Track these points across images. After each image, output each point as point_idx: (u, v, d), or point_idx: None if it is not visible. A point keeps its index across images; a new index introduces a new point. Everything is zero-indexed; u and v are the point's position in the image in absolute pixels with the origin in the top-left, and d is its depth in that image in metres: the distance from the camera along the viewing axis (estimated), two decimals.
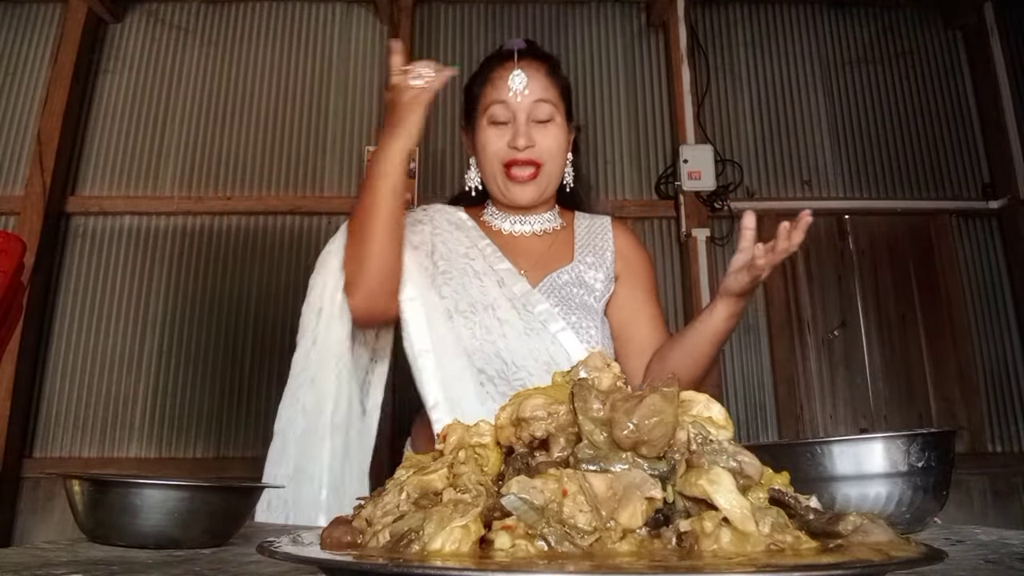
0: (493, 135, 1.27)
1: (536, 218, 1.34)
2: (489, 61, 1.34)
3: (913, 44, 3.39)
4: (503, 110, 1.26)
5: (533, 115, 1.25)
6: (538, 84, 1.26)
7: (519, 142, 1.24)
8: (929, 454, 0.74)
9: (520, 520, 0.43)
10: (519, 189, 1.26)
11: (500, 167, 1.26)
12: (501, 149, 1.25)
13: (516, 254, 1.30)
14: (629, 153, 3.25)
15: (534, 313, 1.21)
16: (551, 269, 1.29)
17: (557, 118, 1.28)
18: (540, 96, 1.26)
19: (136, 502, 0.71)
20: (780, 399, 2.99)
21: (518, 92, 1.24)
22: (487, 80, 1.30)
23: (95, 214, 3.09)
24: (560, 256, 1.32)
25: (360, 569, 0.41)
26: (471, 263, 1.26)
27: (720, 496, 0.43)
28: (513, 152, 1.25)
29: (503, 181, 1.27)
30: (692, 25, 3.26)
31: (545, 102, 1.26)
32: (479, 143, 1.29)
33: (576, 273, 1.29)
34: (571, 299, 1.25)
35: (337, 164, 3.19)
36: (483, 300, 1.21)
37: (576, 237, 1.35)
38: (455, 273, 1.24)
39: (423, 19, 3.38)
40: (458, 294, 1.22)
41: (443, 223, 1.33)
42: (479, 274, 1.24)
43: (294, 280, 3.04)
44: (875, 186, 3.22)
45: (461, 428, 0.56)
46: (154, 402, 2.92)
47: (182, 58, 3.30)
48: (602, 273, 1.30)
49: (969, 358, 3.03)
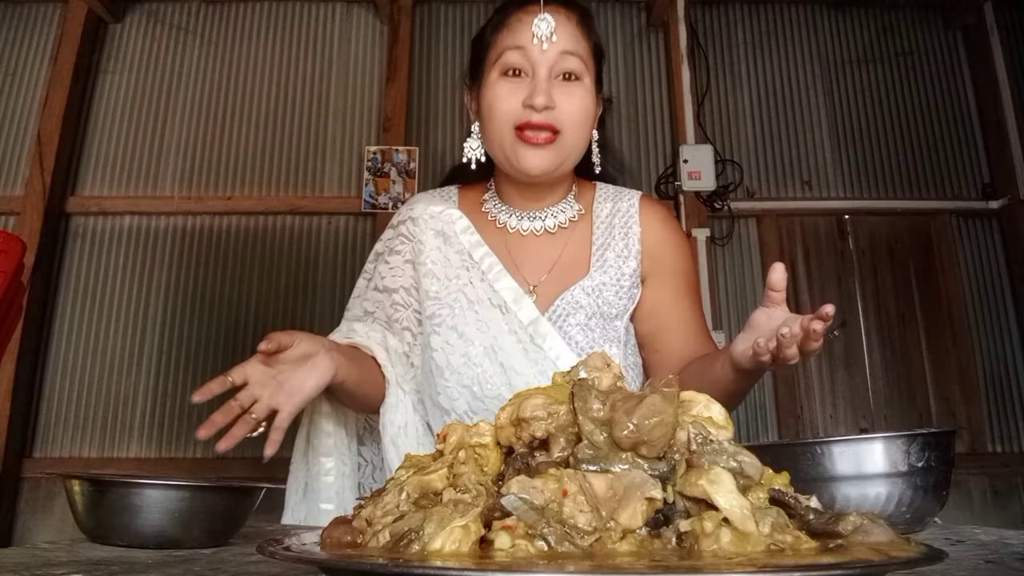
0: (505, 90, 1.03)
1: (549, 211, 1.13)
2: (506, 5, 1.09)
3: (913, 44, 3.39)
4: (521, 58, 1.02)
5: (557, 69, 1.03)
6: (567, 33, 1.03)
7: (537, 100, 1.00)
8: (929, 454, 0.74)
9: (520, 520, 0.43)
10: (531, 154, 1.02)
11: (510, 130, 1.02)
12: (514, 108, 1.01)
13: (523, 261, 1.11)
14: (629, 153, 3.24)
15: (544, 350, 1.03)
16: (564, 285, 1.08)
17: (586, 79, 1.05)
18: (568, 47, 1.03)
19: (136, 502, 0.71)
20: (780, 399, 2.99)
21: (543, 38, 0.99)
22: (503, 24, 1.06)
23: (95, 214, 3.09)
24: (575, 263, 1.11)
25: (360, 569, 0.41)
26: (464, 291, 1.08)
27: (720, 496, 0.43)
28: (528, 112, 1.01)
29: (512, 146, 1.03)
30: (692, 25, 3.26)
31: (573, 55, 1.03)
32: (486, 100, 1.05)
33: (594, 287, 1.09)
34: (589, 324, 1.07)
35: (337, 164, 3.19)
36: (482, 341, 1.05)
37: (595, 232, 1.13)
38: (444, 312, 1.08)
39: (423, 19, 3.39)
40: (449, 345, 1.05)
41: (427, 237, 1.12)
42: (474, 304, 1.06)
43: (294, 280, 3.04)
44: (875, 186, 3.22)
45: (461, 428, 0.56)
46: (154, 402, 2.92)
47: (182, 58, 3.30)
48: (626, 280, 1.10)
49: (969, 358, 3.03)
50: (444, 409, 1.06)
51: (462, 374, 1.05)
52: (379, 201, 3.06)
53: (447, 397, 1.05)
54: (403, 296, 1.14)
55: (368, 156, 3.10)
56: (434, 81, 3.30)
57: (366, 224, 3.10)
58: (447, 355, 1.06)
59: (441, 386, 1.05)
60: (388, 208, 3.04)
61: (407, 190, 3.06)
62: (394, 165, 3.09)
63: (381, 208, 3.05)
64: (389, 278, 1.15)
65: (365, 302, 1.19)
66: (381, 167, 3.09)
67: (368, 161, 3.10)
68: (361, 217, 3.10)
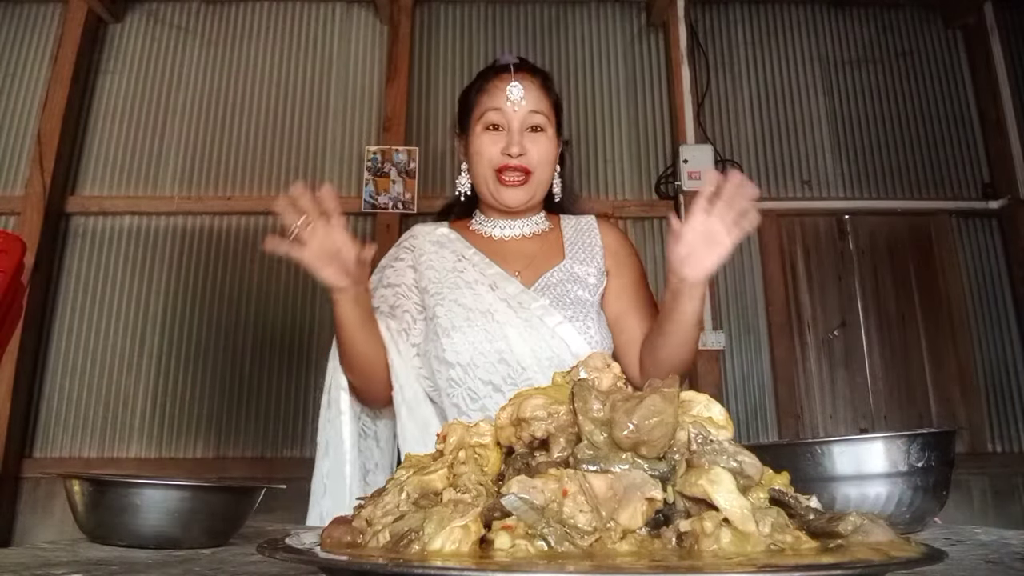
0: (488, 141, 1.31)
1: (524, 221, 1.38)
2: (486, 72, 1.38)
3: (913, 44, 3.39)
4: (499, 117, 1.31)
5: (527, 124, 1.31)
6: (533, 96, 1.32)
7: (512, 149, 1.29)
8: (929, 454, 0.74)
9: (520, 520, 0.43)
10: (510, 192, 1.31)
11: (492, 172, 1.31)
12: (495, 155, 1.31)
13: (507, 257, 1.33)
14: (629, 153, 3.25)
15: (531, 309, 1.24)
16: (543, 269, 1.32)
17: (548, 130, 1.33)
18: (534, 107, 1.31)
19: (136, 502, 0.71)
20: (780, 399, 2.99)
21: (515, 102, 1.30)
22: (484, 89, 1.35)
23: (95, 214, 3.09)
24: (551, 255, 1.35)
25: (360, 569, 0.41)
26: (461, 275, 1.30)
27: (720, 496, 0.43)
28: (506, 158, 1.30)
29: (494, 185, 1.31)
30: (692, 25, 3.26)
31: (539, 113, 1.32)
32: (473, 148, 1.34)
33: (568, 269, 1.32)
34: (566, 295, 1.28)
35: (337, 164, 3.19)
36: (479, 307, 1.25)
37: (565, 236, 1.39)
38: (446, 291, 1.28)
39: (423, 19, 3.39)
40: (452, 312, 1.25)
41: (425, 246, 1.36)
42: (471, 284, 1.28)
43: (294, 280, 3.04)
44: (875, 186, 3.22)
45: (461, 428, 0.56)
46: (154, 402, 2.92)
47: (182, 58, 3.30)
48: (593, 268, 1.34)
49: (969, 358, 3.03)
50: (449, 363, 1.22)
51: (465, 331, 1.23)
52: (379, 201, 3.06)
53: (453, 351, 1.22)
54: (405, 290, 1.34)
55: (368, 156, 3.10)
56: (434, 81, 3.30)
57: (366, 224, 3.10)
58: (451, 319, 1.24)
59: (447, 344, 1.23)
60: (388, 208, 3.04)
61: (407, 190, 3.06)
62: (394, 165, 3.09)
63: (381, 208, 3.05)
64: (394, 276, 1.36)
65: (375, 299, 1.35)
66: (381, 167, 3.09)
67: (368, 161, 3.10)
68: (361, 217, 3.10)
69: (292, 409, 2.92)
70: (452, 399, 1.21)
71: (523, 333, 1.21)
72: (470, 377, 1.20)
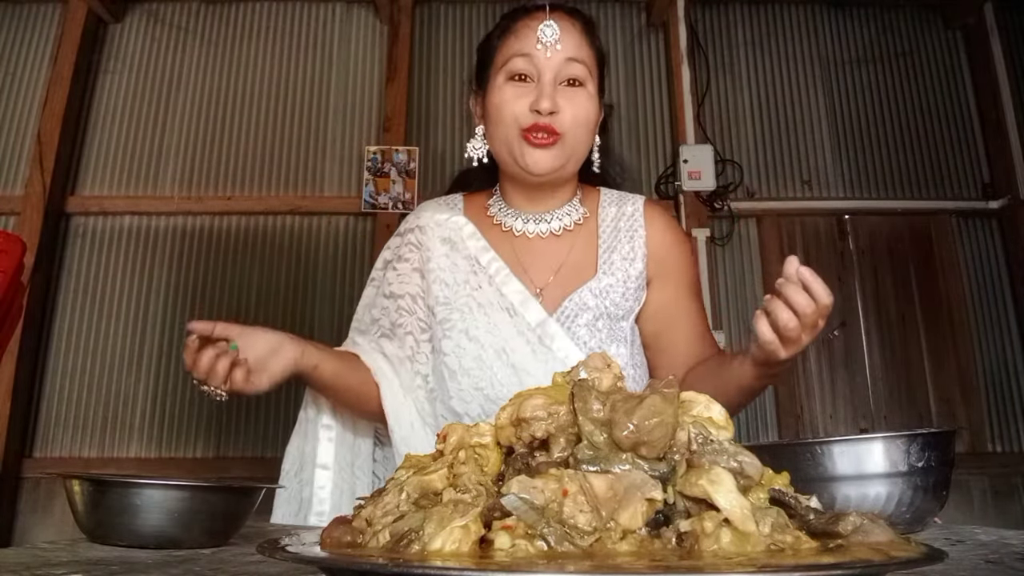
0: (512, 94, 1.07)
1: (554, 214, 1.15)
2: (513, 12, 1.13)
3: (913, 44, 3.39)
4: (527, 64, 1.07)
5: (562, 76, 1.07)
6: (571, 40, 1.08)
7: (543, 104, 1.04)
8: (929, 454, 0.74)
9: (520, 520, 0.43)
10: (537, 154, 1.06)
11: (517, 132, 1.06)
12: (521, 111, 1.06)
13: (530, 263, 1.13)
14: (629, 153, 3.24)
15: (552, 350, 1.05)
16: (571, 287, 1.11)
17: (589, 85, 1.10)
18: (572, 54, 1.07)
19: (136, 502, 0.71)
20: (780, 399, 2.99)
21: (549, 44, 1.05)
22: (509, 31, 1.11)
23: (95, 214, 3.09)
24: (582, 265, 1.13)
25: (360, 569, 0.41)
26: (474, 295, 1.10)
27: (720, 496, 0.43)
28: (535, 116, 1.05)
29: (519, 146, 1.07)
30: (692, 25, 3.26)
31: (577, 62, 1.08)
32: (492, 104, 1.09)
33: (601, 288, 1.11)
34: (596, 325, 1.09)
35: (337, 164, 3.19)
36: (492, 343, 1.07)
37: (600, 234, 1.15)
38: (455, 317, 1.10)
39: (423, 19, 3.38)
40: (460, 348, 1.08)
41: (435, 244, 1.16)
42: (484, 307, 1.09)
43: (294, 280, 3.04)
44: (875, 186, 3.22)
45: (461, 428, 0.56)
46: (154, 402, 2.92)
47: (182, 58, 3.30)
48: (632, 282, 1.13)
49: (969, 358, 3.03)
50: (457, 413, 1.08)
51: (474, 376, 1.06)
52: (379, 201, 3.06)
53: (460, 400, 1.07)
54: (408, 303, 1.16)
55: (368, 156, 3.10)
56: (434, 81, 3.30)
57: (366, 224, 3.10)
58: (459, 358, 1.08)
59: (454, 389, 1.08)
60: (388, 208, 3.04)
61: (407, 190, 3.06)
62: (394, 165, 3.09)
63: (381, 208, 3.05)
64: (396, 284, 1.18)
65: (373, 309, 1.21)
66: (381, 167, 3.09)
67: (368, 161, 3.09)
68: (361, 217, 3.10)
69: (292, 409, 2.91)
70: None
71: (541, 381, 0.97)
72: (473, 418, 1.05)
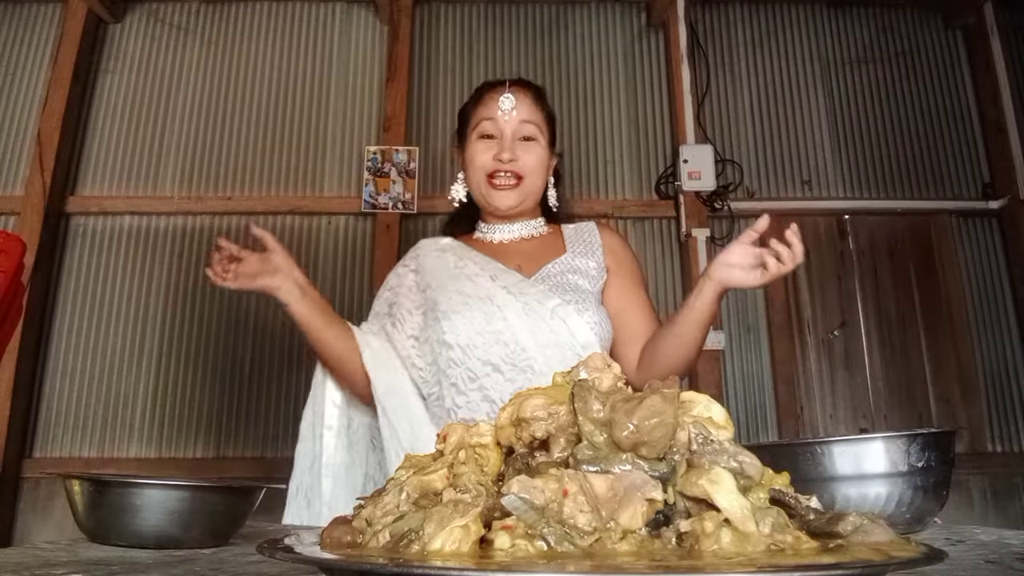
0: (481, 148, 1.38)
1: (523, 224, 1.44)
2: (482, 87, 1.47)
3: (913, 44, 3.39)
4: (492, 126, 1.38)
5: (519, 134, 1.38)
6: (525, 107, 1.39)
7: (504, 155, 1.36)
8: (929, 454, 0.74)
9: (520, 520, 0.43)
10: (500, 195, 1.37)
11: (485, 177, 1.38)
12: (487, 161, 1.37)
13: (508, 257, 1.39)
14: (629, 153, 3.25)
15: (529, 294, 1.29)
16: (544, 262, 1.38)
17: (540, 140, 1.40)
18: (526, 117, 1.39)
19: (136, 502, 0.71)
20: (780, 399, 2.99)
21: (507, 112, 1.37)
22: (479, 101, 1.43)
23: (95, 214, 3.09)
24: (551, 251, 1.41)
25: (360, 569, 0.41)
26: (463, 270, 1.36)
27: (721, 496, 0.43)
28: (497, 164, 1.36)
29: (486, 189, 1.38)
30: (692, 25, 3.26)
31: (530, 123, 1.39)
32: (468, 155, 1.42)
33: (569, 262, 1.38)
34: (566, 283, 1.34)
35: (337, 164, 3.19)
36: (478, 293, 1.30)
37: (565, 236, 1.46)
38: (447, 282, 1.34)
39: (423, 19, 3.38)
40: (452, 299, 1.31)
41: (429, 253, 1.43)
42: (471, 276, 1.34)
43: None
44: (875, 186, 3.22)
45: (461, 428, 0.56)
46: (154, 402, 2.92)
47: (182, 58, 3.30)
48: (594, 262, 1.40)
49: (969, 358, 3.03)
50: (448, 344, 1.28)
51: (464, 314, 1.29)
52: (379, 201, 3.06)
53: (452, 333, 1.28)
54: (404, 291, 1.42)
55: (368, 156, 3.10)
56: (434, 81, 3.30)
57: (366, 224, 3.10)
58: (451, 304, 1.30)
59: (446, 326, 1.28)
60: (388, 208, 3.04)
61: (407, 190, 3.06)
62: (394, 165, 3.09)
63: (381, 208, 3.05)
64: (395, 281, 1.45)
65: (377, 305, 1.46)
66: (381, 167, 3.09)
67: (368, 161, 3.09)
68: (361, 217, 3.10)
69: (292, 409, 2.92)
70: (451, 379, 1.26)
71: (521, 315, 1.26)
72: (469, 358, 1.26)
